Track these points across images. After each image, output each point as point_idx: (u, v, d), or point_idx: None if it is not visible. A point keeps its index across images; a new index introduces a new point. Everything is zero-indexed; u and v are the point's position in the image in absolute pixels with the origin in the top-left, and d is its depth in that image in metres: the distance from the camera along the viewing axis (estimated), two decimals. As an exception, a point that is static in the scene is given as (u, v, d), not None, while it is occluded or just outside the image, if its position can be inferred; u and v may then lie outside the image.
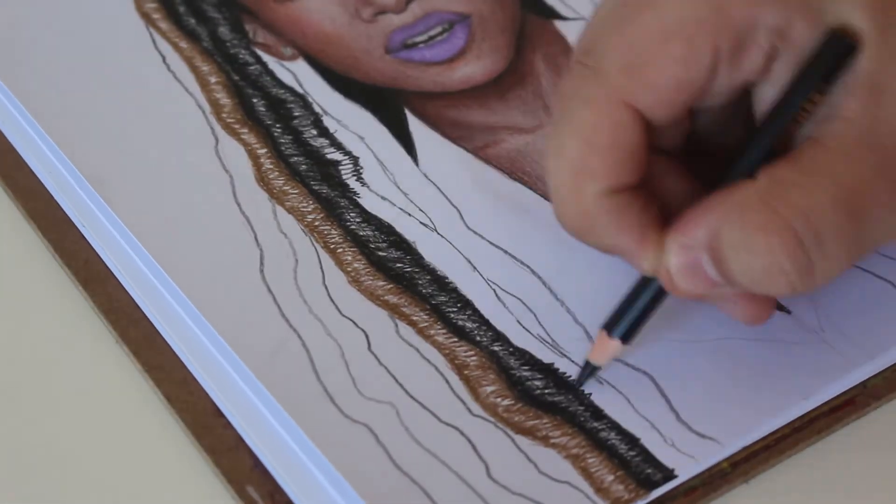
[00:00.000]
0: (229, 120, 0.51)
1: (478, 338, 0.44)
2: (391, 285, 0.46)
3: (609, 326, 0.43)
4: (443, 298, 0.45)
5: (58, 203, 0.49)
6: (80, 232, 0.48)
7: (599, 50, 0.41)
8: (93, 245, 0.47)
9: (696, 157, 0.44)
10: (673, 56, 0.40)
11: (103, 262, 0.47)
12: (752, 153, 0.41)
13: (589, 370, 0.43)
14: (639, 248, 0.41)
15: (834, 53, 0.40)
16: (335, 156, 0.50)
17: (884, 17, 0.39)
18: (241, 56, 0.53)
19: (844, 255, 0.40)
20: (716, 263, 0.40)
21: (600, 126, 0.40)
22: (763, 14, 0.40)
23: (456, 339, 0.44)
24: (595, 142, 0.40)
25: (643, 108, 0.41)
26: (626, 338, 0.42)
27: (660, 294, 0.42)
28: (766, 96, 0.41)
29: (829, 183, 0.39)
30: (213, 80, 0.52)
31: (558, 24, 0.54)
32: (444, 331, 0.44)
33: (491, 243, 0.47)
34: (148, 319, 0.45)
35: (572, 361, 0.43)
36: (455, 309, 0.45)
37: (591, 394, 0.43)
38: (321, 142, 0.50)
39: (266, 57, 0.53)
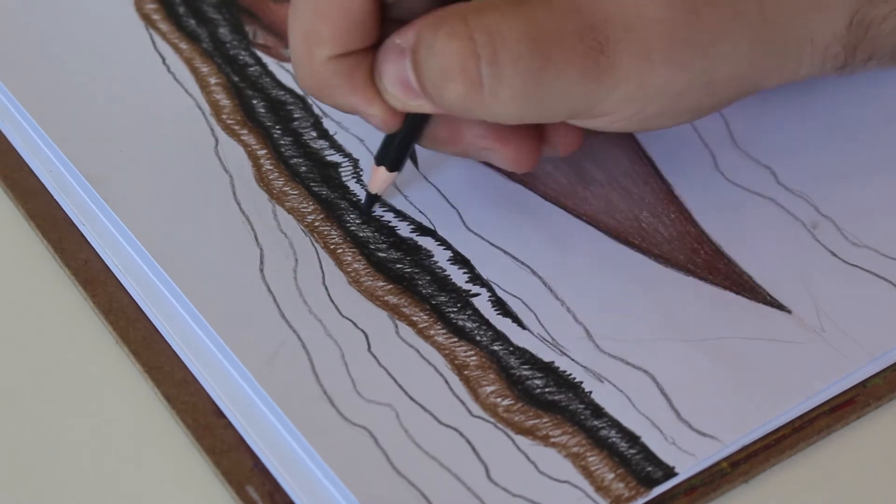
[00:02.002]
0: (229, 121, 0.51)
1: (478, 337, 0.44)
2: (391, 286, 0.46)
3: (378, 160, 0.46)
4: (443, 299, 0.45)
5: (58, 203, 0.49)
6: (80, 232, 0.48)
7: None
8: (93, 245, 0.47)
9: None
10: None
11: (103, 262, 0.47)
12: None
13: (371, 198, 0.48)
14: (369, 106, 0.44)
15: None
16: (335, 158, 0.50)
17: None
18: (241, 57, 0.53)
19: (518, 88, 0.41)
20: (414, 68, 0.42)
21: None
22: None
23: (456, 339, 0.44)
24: (323, 10, 0.43)
25: None
26: (394, 166, 0.46)
27: (415, 122, 0.45)
28: None
29: (528, 18, 0.41)
30: (213, 81, 0.52)
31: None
32: (443, 331, 0.44)
33: (491, 243, 0.47)
34: (148, 319, 0.45)
35: (573, 360, 0.43)
36: (455, 309, 0.45)
37: (591, 392, 0.43)
38: (321, 144, 0.50)
39: (266, 58, 0.53)
